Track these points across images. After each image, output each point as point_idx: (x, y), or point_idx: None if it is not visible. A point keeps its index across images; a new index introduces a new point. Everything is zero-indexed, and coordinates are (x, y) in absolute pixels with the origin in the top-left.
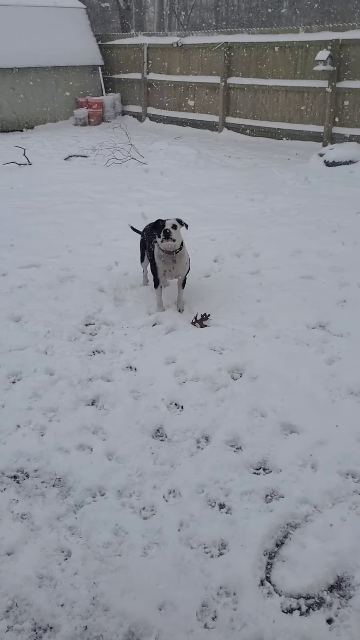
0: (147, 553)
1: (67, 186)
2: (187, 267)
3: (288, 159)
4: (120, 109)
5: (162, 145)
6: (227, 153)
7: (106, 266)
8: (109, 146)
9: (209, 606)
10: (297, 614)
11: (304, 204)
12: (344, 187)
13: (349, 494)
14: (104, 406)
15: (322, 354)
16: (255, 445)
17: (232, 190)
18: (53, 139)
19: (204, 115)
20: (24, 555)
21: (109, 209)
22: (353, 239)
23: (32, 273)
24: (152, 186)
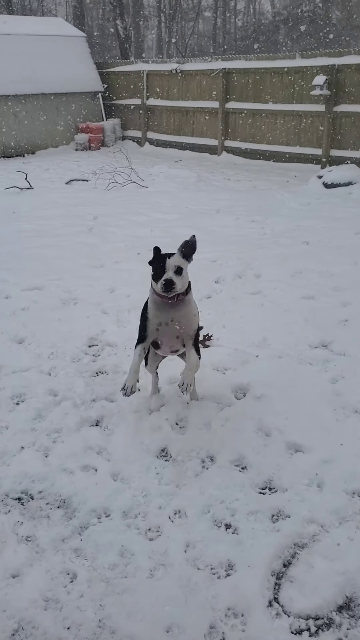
0: (153, 575)
1: (68, 210)
2: (194, 322)
3: (287, 181)
4: (120, 134)
5: (162, 168)
6: (226, 176)
7: (108, 288)
8: (110, 170)
9: (217, 628)
10: (306, 635)
11: (304, 225)
12: (343, 208)
13: (355, 513)
14: (108, 426)
15: (325, 373)
16: (260, 464)
17: (232, 212)
18: (54, 163)
19: (203, 139)
20: (29, 577)
21: (110, 232)
22: (354, 259)
23: (34, 295)
24: (153, 209)
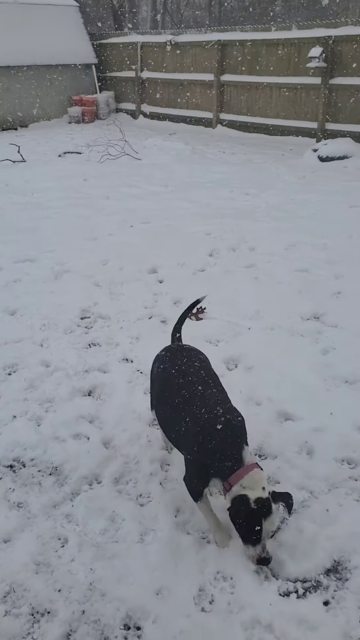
0: (143, 539)
1: (61, 182)
2: None
3: (282, 154)
4: (114, 107)
5: (156, 141)
6: (221, 149)
7: (101, 261)
8: (103, 143)
9: (206, 591)
10: (294, 597)
11: (299, 199)
12: (338, 182)
13: (345, 480)
14: (100, 396)
15: (316, 344)
16: (251, 432)
17: (227, 185)
18: (47, 136)
19: (198, 112)
20: (21, 542)
21: (103, 204)
22: (348, 232)
23: (27, 267)
24: (147, 182)
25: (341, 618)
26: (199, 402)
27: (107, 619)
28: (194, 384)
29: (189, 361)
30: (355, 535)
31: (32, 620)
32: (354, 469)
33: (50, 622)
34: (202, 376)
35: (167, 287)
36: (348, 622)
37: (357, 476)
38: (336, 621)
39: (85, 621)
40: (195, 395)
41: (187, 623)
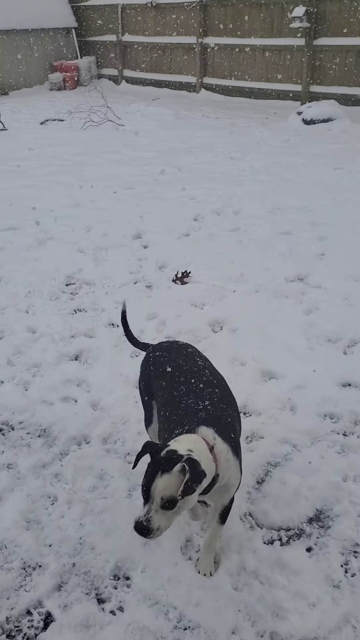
0: (131, 494)
1: (43, 150)
2: (235, 485)
3: (267, 118)
4: (96, 73)
5: (139, 107)
6: (205, 113)
7: (84, 227)
8: (85, 109)
9: (193, 541)
10: (277, 544)
11: (283, 162)
12: (323, 145)
13: (327, 433)
14: (87, 361)
15: (300, 305)
16: (236, 391)
17: (211, 150)
18: (28, 104)
19: (181, 77)
20: (11, 501)
21: (86, 171)
22: (332, 194)
23: (10, 235)
24: (130, 147)
25: (323, 563)
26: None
27: (97, 570)
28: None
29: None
30: (337, 485)
31: (24, 573)
32: (336, 423)
33: (42, 575)
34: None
35: (151, 252)
36: (330, 566)
37: (339, 430)
38: (319, 566)
39: (76, 573)
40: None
41: (175, 571)
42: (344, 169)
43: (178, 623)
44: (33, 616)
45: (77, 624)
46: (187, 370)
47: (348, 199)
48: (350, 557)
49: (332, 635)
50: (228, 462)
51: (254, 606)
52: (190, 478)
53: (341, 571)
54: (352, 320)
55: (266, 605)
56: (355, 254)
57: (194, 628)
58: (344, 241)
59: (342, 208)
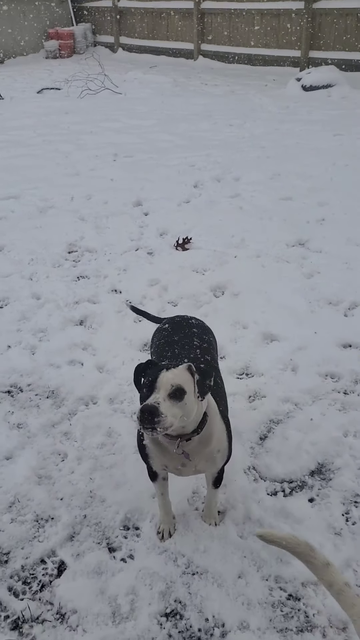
0: None
1: (41, 119)
2: (221, 456)
3: (265, 85)
4: (92, 40)
5: (137, 74)
6: (203, 81)
7: (85, 195)
8: (82, 78)
9: (199, 493)
10: (281, 495)
11: (283, 129)
12: (322, 111)
13: (328, 392)
14: (92, 326)
15: (301, 269)
16: (238, 353)
17: (210, 117)
18: (24, 73)
19: (179, 43)
20: (22, 459)
21: (84, 139)
22: (332, 160)
23: (11, 205)
24: (128, 115)
25: (325, 512)
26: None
27: (107, 521)
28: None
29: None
30: (338, 440)
31: (37, 525)
32: (337, 382)
33: (54, 526)
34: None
35: (152, 220)
36: (331, 515)
37: (340, 388)
38: (321, 515)
39: (87, 524)
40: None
41: (182, 521)
42: (343, 135)
43: (187, 569)
44: (47, 564)
45: (89, 571)
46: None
47: (347, 164)
48: (351, 506)
49: None
50: (215, 418)
51: (259, 552)
52: (201, 376)
53: (342, 520)
54: (353, 283)
55: (270, 552)
56: (355, 218)
57: (202, 573)
58: (343, 206)
59: (342, 174)
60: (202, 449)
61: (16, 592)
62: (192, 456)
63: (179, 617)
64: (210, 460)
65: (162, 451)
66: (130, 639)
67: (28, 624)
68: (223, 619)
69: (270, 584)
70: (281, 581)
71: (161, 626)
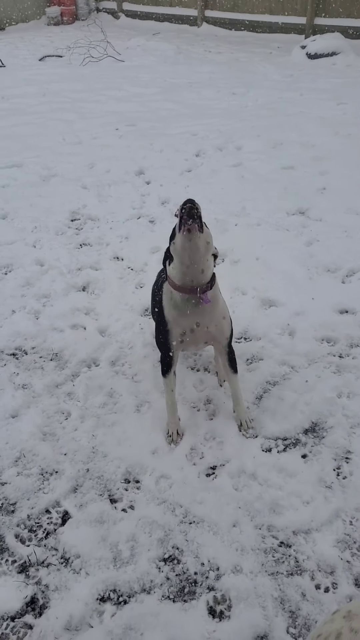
0: (139, 410)
1: (43, 87)
2: (225, 325)
3: (270, 52)
4: (94, 6)
5: (140, 41)
6: (207, 48)
7: (87, 164)
8: (85, 45)
9: (197, 449)
10: (275, 451)
11: (286, 97)
12: (326, 79)
13: (323, 355)
14: (94, 291)
15: (301, 237)
16: (237, 318)
17: (213, 85)
18: (25, 40)
19: (182, 10)
20: (27, 417)
21: (87, 108)
22: (334, 129)
23: (13, 173)
24: (131, 83)
25: (317, 467)
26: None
27: (109, 474)
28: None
29: None
30: (332, 400)
31: (42, 478)
32: (333, 346)
33: (59, 479)
34: None
35: (154, 188)
36: (323, 469)
37: (336, 352)
38: (312, 469)
39: (90, 477)
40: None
41: (181, 474)
42: (347, 104)
43: (184, 518)
44: (52, 514)
45: (92, 520)
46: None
47: (350, 134)
48: (342, 462)
49: (323, 527)
50: (218, 288)
51: (253, 503)
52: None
53: (333, 474)
54: (351, 251)
55: (264, 503)
56: (356, 188)
57: (198, 522)
58: (345, 175)
59: (344, 143)
60: (212, 309)
61: (22, 539)
62: (203, 316)
63: (176, 561)
64: (219, 326)
65: (179, 313)
66: (130, 581)
67: (34, 568)
68: (218, 563)
69: (263, 532)
70: (273, 530)
71: (159, 570)
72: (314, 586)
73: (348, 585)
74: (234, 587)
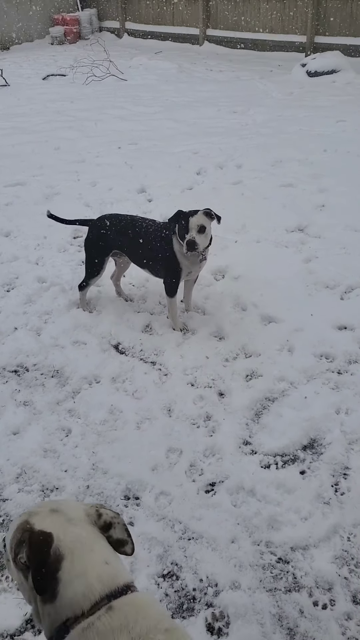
0: (140, 427)
1: (46, 105)
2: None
3: (270, 70)
4: (97, 26)
5: (142, 60)
6: (208, 66)
7: (90, 182)
8: (88, 64)
9: (197, 466)
10: (273, 467)
11: (286, 115)
12: (326, 97)
13: (322, 372)
14: (96, 308)
15: (300, 254)
16: (236, 334)
17: (214, 104)
18: (30, 59)
19: (184, 29)
20: (28, 434)
21: (90, 126)
22: (334, 146)
23: (17, 191)
24: (133, 102)
25: (315, 483)
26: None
27: (109, 491)
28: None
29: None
30: (330, 417)
31: (43, 495)
32: (332, 362)
33: (59, 495)
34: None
35: (156, 206)
36: (321, 486)
37: (334, 368)
38: (310, 486)
39: (90, 494)
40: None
41: (180, 491)
42: (346, 122)
43: (183, 534)
44: None
45: None
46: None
47: (349, 151)
48: (340, 478)
49: (321, 543)
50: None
51: (251, 519)
52: (216, 217)
53: (331, 490)
54: (350, 268)
55: (262, 519)
56: (355, 205)
57: (197, 538)
58: (343, 193)
59: (343, 160)
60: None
61: None
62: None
63: (175, 577)
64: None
65: (191, 263)
66: None
67: None
68: (216, 580)
69: (261, 549)
70: (271, 546)
71: (158, 586)
72: (312, 603)
73: (346, 602)
74: (233, 604)
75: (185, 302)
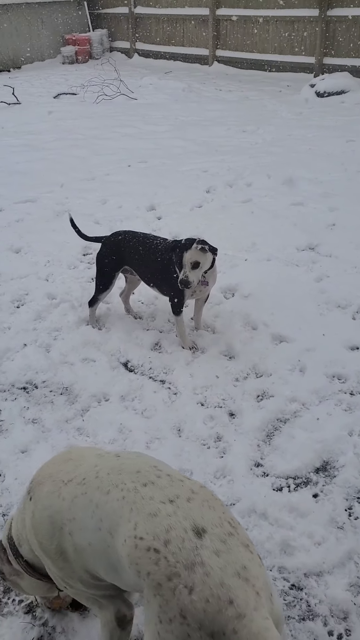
0: (149, 446)
1: (57, 124)
2: (210, 288)
3: (279, 90)
4: (108, 46)
5: (152, 80)
6: (218, 86)
7: (100, 200)
8: (98, 83)
9: (208, 486)
10: (286, 490)
11: (295, 134)
12: (335, 117)
13: (334, 392)
14: (105, 325)
15: (311, 273)
16: (247, 354)
17: (224, 123)
18: (41, 77)
19: (194, 49)
20: (37, 452)
21: (100, 144)
22: (343, 165)
23: (28, 208)
24: (143, 121)
25: (328, 507)
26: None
27: None
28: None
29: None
30: (343, 439)
31: None
32: (344, 383)
33: None
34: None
35: (165, 224)
36: (335, 510)
37: (347, 389)
38: (324, 509)
39: None
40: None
41: None
42: (355, 141)
43: None
44: None
45: None
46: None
47: (359, 170)
48: (354, 502)
49: (335, 569)
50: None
51: (264, 544)
52: (211, 248)
53: (345, 515)
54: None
55: (275, 543)
56: None
57: None
58: (354, 211)
59: (353, 179)
60: (212, 275)
61: None
62: (208, 282)
63: None
64: (213, 280)
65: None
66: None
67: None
68: None
69: (274, 574)
70: (284, 571)
71: None
72: (327, 632)
73: None
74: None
75: (195, 320)
